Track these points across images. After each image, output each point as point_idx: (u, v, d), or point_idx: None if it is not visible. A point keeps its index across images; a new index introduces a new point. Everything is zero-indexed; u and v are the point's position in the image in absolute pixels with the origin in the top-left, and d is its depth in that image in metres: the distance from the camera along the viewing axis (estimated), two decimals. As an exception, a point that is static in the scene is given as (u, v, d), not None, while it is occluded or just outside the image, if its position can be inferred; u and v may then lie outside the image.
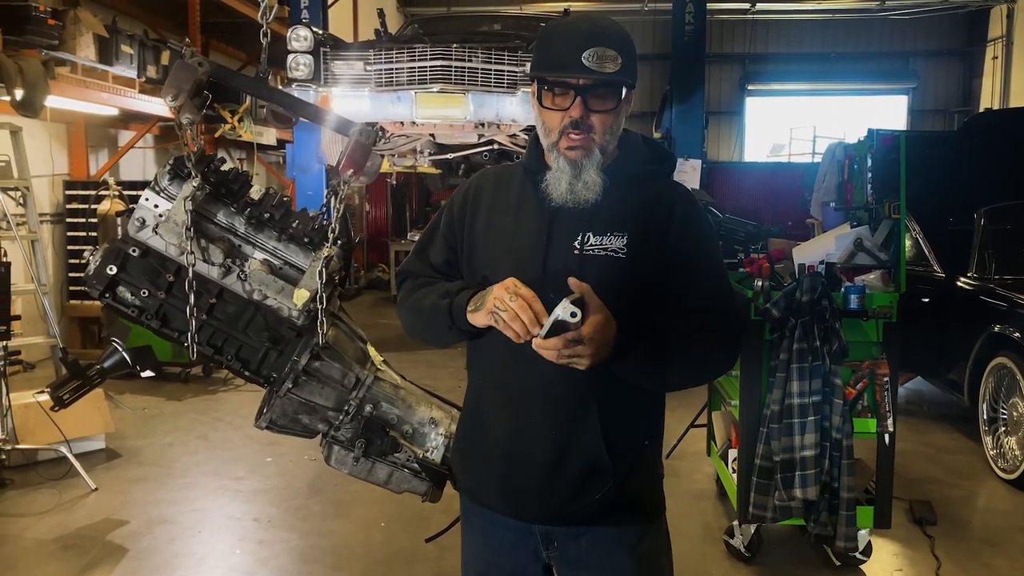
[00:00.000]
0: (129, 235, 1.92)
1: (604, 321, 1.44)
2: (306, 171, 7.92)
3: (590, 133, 1.57)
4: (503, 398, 1.65)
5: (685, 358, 1.57)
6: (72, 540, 3.77)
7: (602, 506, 1.61)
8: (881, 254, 3.58)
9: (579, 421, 1.59)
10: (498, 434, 1.66)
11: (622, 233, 1.59)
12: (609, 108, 1.56)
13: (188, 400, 6.15)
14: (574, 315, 1.37)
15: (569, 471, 1.60)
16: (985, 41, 16.64)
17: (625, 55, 1.55)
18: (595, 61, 1.52)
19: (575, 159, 1.58)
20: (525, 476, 1.62)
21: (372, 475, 2.19)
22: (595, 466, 1.59)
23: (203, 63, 1.87)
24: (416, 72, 5.93)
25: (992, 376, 4.90)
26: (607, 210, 1.60)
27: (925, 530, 3.89)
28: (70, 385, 3.66)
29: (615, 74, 1.54)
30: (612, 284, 1.53)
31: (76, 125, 8.00)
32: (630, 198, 1.62)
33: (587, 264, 1.57)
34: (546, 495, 1.61)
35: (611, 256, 1.58)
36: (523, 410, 1.62)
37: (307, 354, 2.01)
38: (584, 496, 1.60)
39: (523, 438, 1.62)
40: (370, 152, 1.97)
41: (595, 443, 1.59)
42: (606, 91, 1.56)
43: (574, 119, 1.55)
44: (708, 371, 1.72)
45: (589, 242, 1.58)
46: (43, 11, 5.94)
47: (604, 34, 1.55)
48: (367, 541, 3.80)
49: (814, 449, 3.21)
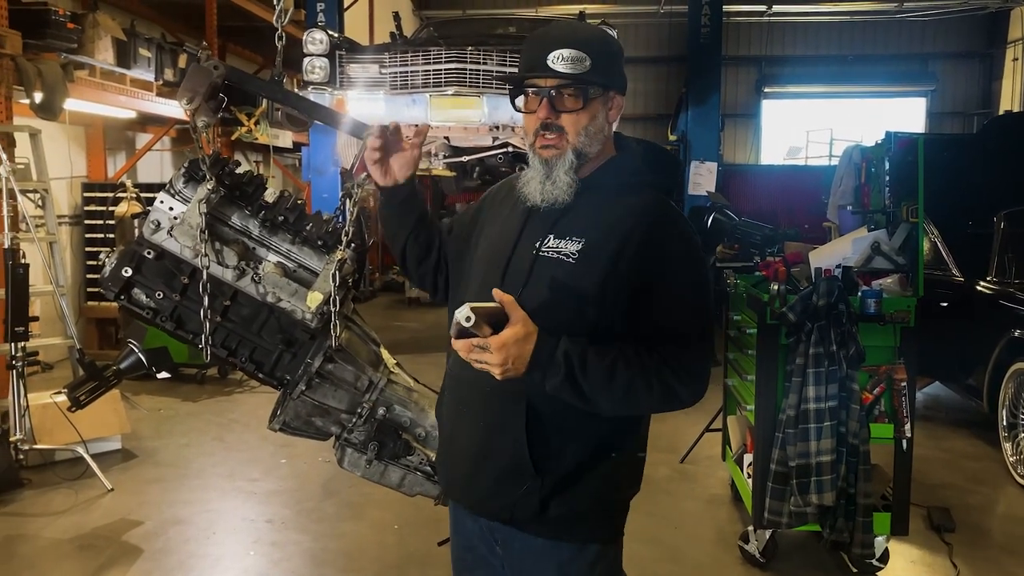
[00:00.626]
0: (144, 237, 1.93)
1: (517, 335, 1.41)
2: (322, 174, 7.96)
3: (562, 134, 1.59)
4: (452, 389, 1.71)
5: (612, 389, 1.48)
6: (88, 540, 3.79)
7: (521, 511, 1.58)
8: (899, 258, 3.55)
9: (506, 416, 1.58)
10: (446, 423, 1.75)
11: (580, 238, 1.57)
12: (576, 108, 1.58)
13: (204, 401, 6.19)
14: (468, 319, 1.36)
15: (491, 465, 1.61)
16: (1005, 43, 16.46)
17: (596, 57, 1.57)
18: (560, 62, 1.55)
19: (547, 158, 1.60)
20: (458, 464, 1.68)
21: (385, 478, 2.19)
22: (515, 465, 1.57)
23: (218, 66, 1.88)
24: (431, 75, 5.94)
25: (1012, 382, 4.84)
26: (575, 214, 1.60)
27: (943, 537, 3.84)
28: (87, 386, 3.70)
29: (581, 75, 1.56)
30: (557, 288, 1.54)
31: (94, 128, 8.07)
32: (602, 205, 1.60)
33: (538, 265, 1.58)
34: (470, 485, 1.65)
35: (561, 259, 1.56)
36: (463, 400, 1.67)
37: (320, 356, 2.02)
38: (502, 494, 1.60)
39: (459, 427, 1.68)
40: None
41: (518, 441, 1.56)
42: (574, 91, 1.57)
43: (542, 120, 1.59)
44: (642, 407, 1.56)
45: (548, 243, 1.59)
46: (62, 15, 6.00)
47: (573, 37, 1.58)
48: (381, 543, 3.80)
49: (830, 454, 3.18)
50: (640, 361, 1.49)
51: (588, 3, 15.93)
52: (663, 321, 1.53)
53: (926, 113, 17.92)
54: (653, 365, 1.49)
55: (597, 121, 1.61)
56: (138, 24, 7.61)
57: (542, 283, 1.55)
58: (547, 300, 1.53)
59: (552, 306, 1.53)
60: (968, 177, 5.95)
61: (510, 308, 1.42)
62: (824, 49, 18.03)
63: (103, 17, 6.62)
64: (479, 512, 1.68)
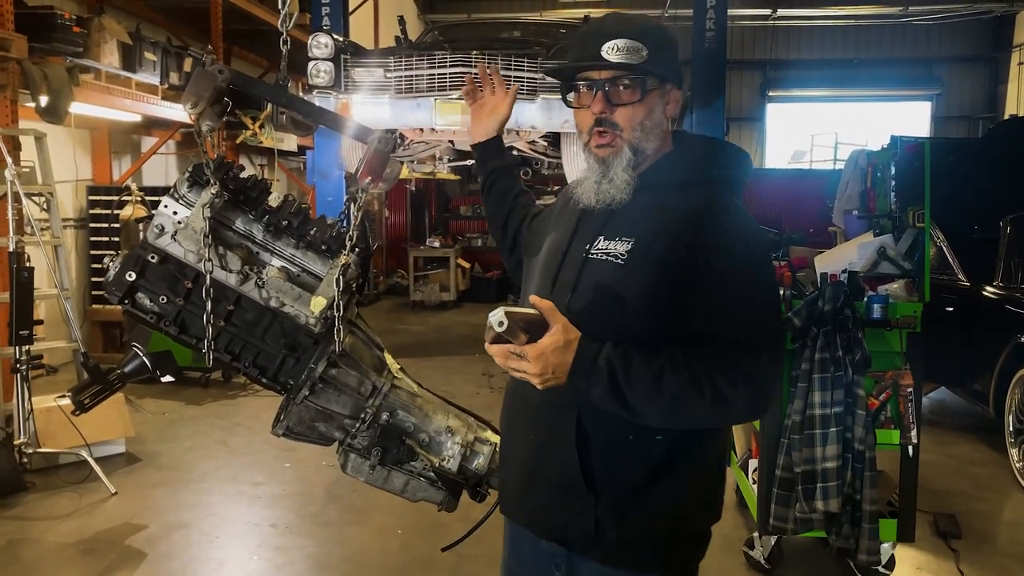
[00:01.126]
0: (148, 242, 1.93)
1: (556, 343, 1.33)
2: (326, 177, 7.95)
3: (616, 130, 1.50)
4: (508, 402, 1.67)
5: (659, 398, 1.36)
6: (91, 544, 3.79)
7: (573, 530, 1.50)
8: (905, 263, 3.53)
9: (555, 429, 1.51)
10: (504, 437, 1.71)
11: (630, 238, 1.47)
12: (633, 101, 1.49)
13: (208, 405, 6.19)
14: (501, 324, 1.29)
15: (542, 481, 1.54)
16: (1010, 47, 16.43)
17: (653, 46, 1.48)
18: (616, 53, 1.47)
19: (603, 156, 1.52)
20: (511, 479, 1.64)
21: (388, 483, 2.18)
22: (567, 482, 1.49)
23: (223, 70, 1.87)
24: (436, 79, 5.94)
25: (1018, 387, 4.81)
26: (626, 214, 1.51)
27: (950, 544, 3.82)
28: (91, 389, 3.68)
29: (638, 65, 1.47)
30: (606, 291, 1.46)
31: (100, 131, 8.08)
32: (655, 204, 1.50)
33: (588, 268, 1.51)
34: (523, 500, 1.60)
35: (610, 261, 1.48)
36: (514, 413, 1.64)
37: (324, 361, 2.01)
38: (555, 513, 1.52)
39: (512, 441, 1.64)
40: (388, 159, 1.96)
41: (568, 456, 1.48)
42: (630, 83, 1.49)
43: (596, 115, 1.50)
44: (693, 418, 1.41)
45: (598, 244, 1.51)
46: (68, 19, 6.01)
47: (628, 27, 1.49)
48: (384, 548, 3.79)
49: (836, 461, 3.16)
50: (689, 366, 1.36)
51: (592, 8, 15.93)
52: (717, 325, 1.40)
53: (931, 117, 17.90)
54: (704, 371, 1.36)
55: (654, 115, 1.52)
56: (143, 28, 7.63)
57: (591, 286, 1.48)
58: (596, 304, 1.46)
59: (601, 310, 1.45)
60: (974, 181, 5.93)
61: (549, 314, 1.34)
62: (829, 53, 18.02)
63: (109, 21, 6.63)
64: (532, 528, 1.59)
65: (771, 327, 1.46)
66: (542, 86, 5.91)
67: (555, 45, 6.40)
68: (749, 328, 1.40)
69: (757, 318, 1.42)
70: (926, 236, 3.45)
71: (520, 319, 1.33)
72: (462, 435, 2.15)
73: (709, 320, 1.41)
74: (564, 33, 7.44)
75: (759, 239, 1.49)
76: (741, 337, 1.39)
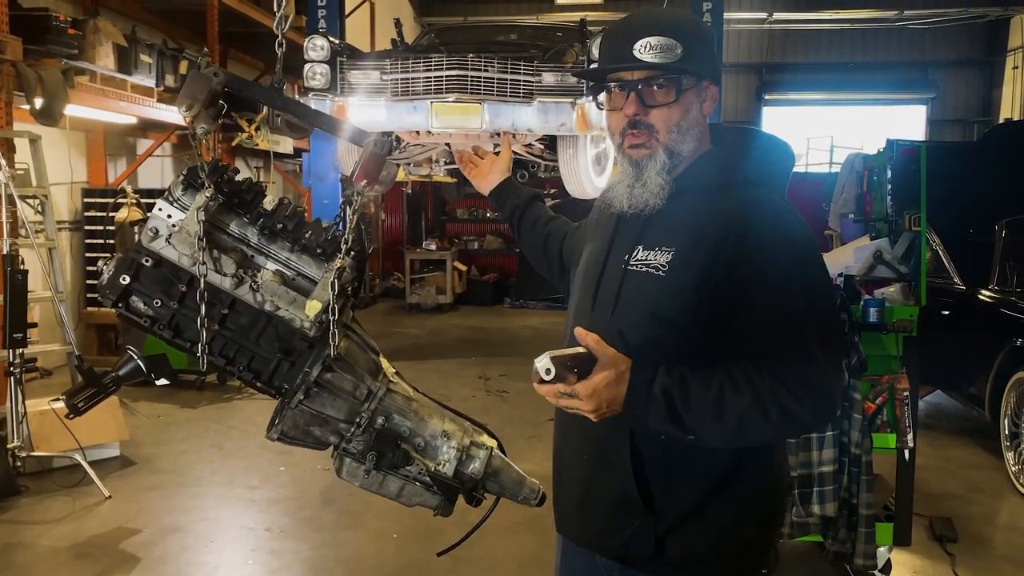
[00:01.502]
0: (143, 245, 1.92)
1: (608, 379, 1.28)
2: (322, 180, 7.95)
3: (651, 133, 1.43)
4: (559, 417, 1.62)
5: (722, 422, 1.30)
6: (85, 548, 3.77)
7: (635, 549, 1.46)
8: (901, 267, 3.53)
9: (609, 447, 1.46)
10: (553, 452, 1.66)
11: (670, 248, 1.40)
12: (668, 102, 1.42)
13: (202, 408, 6.17)
14: (548, 372, 1.26)
15: (598, 501, 1.50)
16: (1005, 51, 16.48)
17: (688, 43, 1.41)
18: (649, 52, 1.39)
19: (636, 158, 1.45)
20: (567, 497, 1.60)
21: (383, 488, 2.16)
22: (624, 501, 1.45)
23: (218, 73, 1.86)
24: (432, 82, 5.93)
25: (1014, 391, 4.82)
26: (663, 221, 1.44)
27: (946, 547, 3.82)
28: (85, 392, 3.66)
29: (672, 64, 1.40)
30: (649, 305, 1.40)
31: (95, 133, 8.06)
32: (694, 208, 1.43)
33: (628, 281, 1.44)
34: (580, 520, 1.56)
35: (651, 273, 1.41)
36: (566, 430, 1.59)
37: (319, 365, 2.00)
38: (614, 531, 1.48)
39: (565, 459, 1.59)
40: (384, 162, 1.95)
41: (624, 475, 1.44)
42: (664, 83, 1.42)
43: (630, 117, 1.44)
44: (760, 437, 1.35)
45: (637, 255, 1.44)
46: (63, 21, 5.99)
47: (661, 23, 1.42)
48: (379, 552, 3.78)
49: (832, 465, 3.16)
50: (751, 386, 1.30)
51: (588, 10, 15.95)
52: (774, 337, 1.33)
53: (927, 121, 17.94)
54: (767, 388, 1.29)
55: (691, 115, 1.45)
56: (139, 30, 7.61)
57: (632, 301, 1.41)
58: (639, 320, 1.40)
59: (645, 326, 1.39)
60: (969, 185, 5.94)
61: (597, 349, 1.29)
62: (824, 56, 18.06)
63: (104, 23, 6.61)
64: (591, 548, 1.55)
65: (831, 330, 1.40)
66: (539, 89, 5.91)
67: (552, 48, 6.40)
68: (808, 336, 1.34)
69: (816, 324, 1.35)
70: (922, 240, 3.45)
71: (567, 360, 1.29)
72: (458, 439, 2.14)
73: (764, 333, 1.34)
74: (560, 36, 7.44)
75: (806, 238, 1.41)
76: (801, 347, 1.33)
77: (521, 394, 6.69)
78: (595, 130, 6.03)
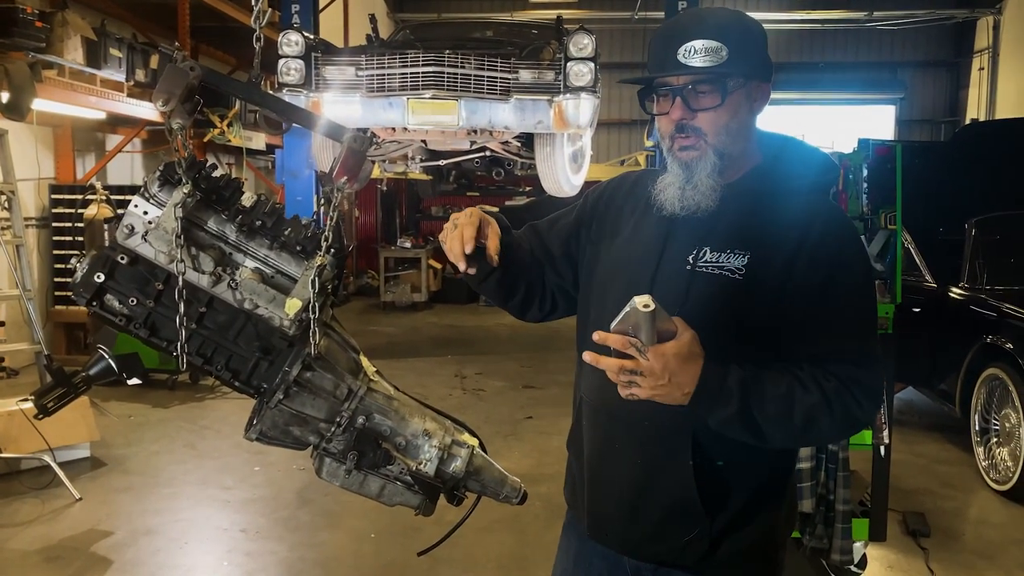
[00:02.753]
0: (118, 242, 1.88)
1: (681, 350, 1.25)
2: (296, 176, 7.88)
3: (699, 135, 1.42)
4: (594, 418, 1.54)
5: (790, 421, 1.32)
6: (56, 551, 3.70)
7: (691, 553, 1.45)
8: (877, 265, 3.57)
9: (668, 452, 1.42)
10: (589, 455, 1.56)
11: (744, 252, 1.39)
12: (715, 106, 1.41)
13: (175, 407, 6.08)
14: (647, 306, 1.18)
15: (652, 506, 1.46)
16: (972, 52, 16.77)
17: (735, 44, 1.40)
18: (694, 56, 1.39)
19: (686, 160, 1.43)
20: (609, 503, 1.52)
21: (364, 488, 2.14)
22: (683, 506, 1.43)
23: (194, 67, 1.82)
24: (408, 78, 5.90)
25: (984, 387, 4.89)
26: (731, 223, 1.42)
27: (919, 542, 3.87)
28: (55, 393, 3.59)
29: (718, 67, 1.39)
30: (722, 309, 1.37)
31: (63, 128, 7.92)
32: (761, 212, 1.42)
33: (697, 282, 1.40)
34: (626, 527, 1.50)
35: (726, 276, 1.39)
36: (610, 433, 1.50)
37: (298, 364, 1.97)
38: (666, 538, 1.45)
39: (608, 463, 1.51)
40: (364, 159, 1.93)
41: (684, 480, 1.41)
42: (709, 87, 1.41)
43: (676, 121, 1.43)
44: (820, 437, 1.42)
45: (704, 257, 1.41)
46: (30, 13, 5.88)
47: (706, 25, 1.41)
48: (357, 553, 3.75)
49: (810, 461, 3.18)
50: (818, 385, 1.32)
51: (563, 8, 15.96)
52: (837, 338, 1.37)
53: (895, 120, 18.18)
54: (833, 390, 1.32)
55: (740, 116, 1.44)
56: (109, 24, 7.48)
57: (703, 303, 1.38)
58: (711, 322, 1.35)
59: (717, 329, 1.34)
60: (940, 184, 6.03)
61: (681, 325, 1.26)
62: (795, 56, 18.23)
63: (72, 16, 6.49)
64: (636, 555, 1.52)
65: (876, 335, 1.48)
66: (515, 87, 5.89)
67: (528, 45, 6.39)
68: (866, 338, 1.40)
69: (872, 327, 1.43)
70: (898, 238, 3.49)
71: (663, 317, 1.23)
72: (439, 438, 2.12)
73: (832, 336, 1.38)
74: (537, 33, 7.43)
75: (865, 248, 1.51)
76: (861, 347, 1.38)
77: (497, 392, 6.68)
78: (572, 128, 6.03)
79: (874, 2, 16.50)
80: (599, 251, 1.60)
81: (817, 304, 1.37)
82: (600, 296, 1.55)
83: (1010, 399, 4.60)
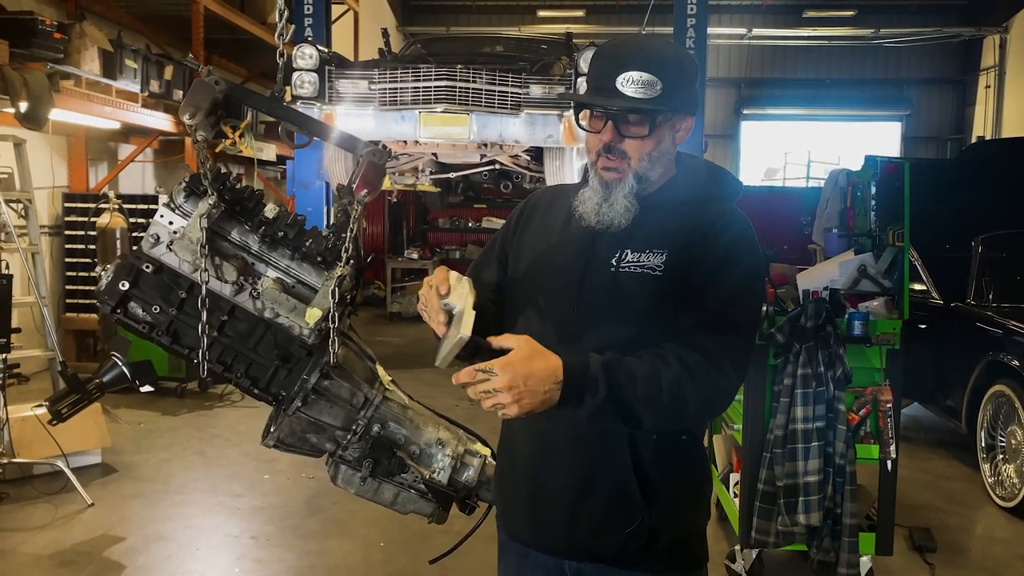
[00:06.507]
0: (143, 251, 1.92)
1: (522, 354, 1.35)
2: (307, 187, 7.94)
3: (624, 159, 1.53)
4: (531, 423, 1.57)
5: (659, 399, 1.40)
6: (68, 556, 3.73)
7: (632, 545, 1.52)
8: (885, 281, 3.60)
9: (607, 448, 1.51)
10: (526, 460, 1.63)
11: (661, 250, 1.51)
12: (641, 135, 1.51)
13: (184, 415, 6.12)
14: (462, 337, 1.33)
15: (594, 500, 1.53)
16: (978, 70, 16.81)
17: (669, 79, 1.49)
18: (631, 86, 1.48)
19: (607, 180, 1.54)
20: (550, 504, 1.58)
21: (378, 495, 2.18)
22: (623, 497, 1.51)
23: (219, 82, 1.88)
24: (420, 92, 5.96)
25: (990, 404, 4.90)
26: (648, 229, 1.54)
27: (925, 557, 3.88)
28: (69, 399, 3.63)
29: (648, 101, 1.48)
30: (645, 302, 1.49)
31: (77, 138, 8.00)
32: (673, 220, 1.55)
33: (621, 280, 1.51)
34: (570, 526, 1.55)
35: (647, 273, 1.50)
36: (549, 435, 1.57)
37: (317, 373, 2.01)
38: (610, 530, 1.52)
39: (548, 464, 1.58)
40: (384, 173, 1.98)
41: (624, 470, 1.50)
42: (641, 117, 1.51)
43: (606, 143, 1.53)
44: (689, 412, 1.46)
45: (626, 259, 1.52)
46: (49, 25, 5.96)
47: (646, 58, 1.49)
48: (366, 561, 3.77)
49: (818, 475, 3.21)
50: (680, 360, 1.42)
51: (571, 23, 16.07)
52: (709, 312, 1.48)
53: (901, 137, 18.23)
54: (696, 363, 1.42)
55: (663, 146, 1.56)
56: (124, 35, 7.57)
57: (627, 300, 1.49)
58: (635, 317, 1.48)
59: (641, 322, 1.48)
60: (946, 201, 6.05)
61: (513, 337, 1.38)
62: (802, 72, 18.31)
63: (90, 27, 6.58)
64: (580, 557, 1.57)
65: (751, 340, 1.59)
66: (526, 101, 5.95)
67: (539, 61, 6.45)
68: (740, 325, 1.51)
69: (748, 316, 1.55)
70: (906, 255, 3.52)
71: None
72: (452, 447, 2.16)
73: (705, 309, 1.48)
74: (547, 49, 7.50)
75: (761, 253, 1.59)
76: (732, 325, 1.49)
77: (504, 404, 6.68)
78: (581, 143, 6.08)
79: (881, 19, 16.57)
80: (520, 257, 1.69)
81: (700, 286, 1.49)
82: (525, 305, 1.64)
83: (1016, 416, 4.61)
